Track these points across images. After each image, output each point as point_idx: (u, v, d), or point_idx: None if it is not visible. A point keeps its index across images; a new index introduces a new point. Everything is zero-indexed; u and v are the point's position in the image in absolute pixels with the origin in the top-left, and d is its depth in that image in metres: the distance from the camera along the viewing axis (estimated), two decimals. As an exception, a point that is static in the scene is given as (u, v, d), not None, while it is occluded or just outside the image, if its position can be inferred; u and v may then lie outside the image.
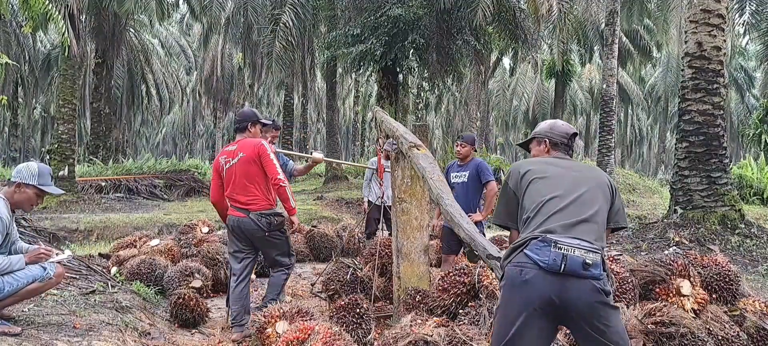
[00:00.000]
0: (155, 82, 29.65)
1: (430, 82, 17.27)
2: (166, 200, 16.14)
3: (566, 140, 2.83)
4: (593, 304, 2.31)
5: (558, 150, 2.82)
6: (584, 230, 2.41)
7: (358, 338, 3.96)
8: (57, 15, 9.52)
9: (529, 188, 2.59)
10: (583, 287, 2.30)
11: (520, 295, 2.34)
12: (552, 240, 2.33)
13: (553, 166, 2.66)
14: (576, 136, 2.87)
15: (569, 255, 2.29)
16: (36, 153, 40.73)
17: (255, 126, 4.72)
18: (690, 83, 8.97)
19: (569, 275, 2.29)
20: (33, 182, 3.57)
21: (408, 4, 13.88)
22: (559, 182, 2.56)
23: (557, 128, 2.87)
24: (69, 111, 14.86)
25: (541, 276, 2.31)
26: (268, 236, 4.57)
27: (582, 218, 2.44)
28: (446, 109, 42.15)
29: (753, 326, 3.76)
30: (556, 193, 2.51)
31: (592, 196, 2.54)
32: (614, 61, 18.91)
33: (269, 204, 4.58)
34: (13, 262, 3.50)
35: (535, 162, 2.74)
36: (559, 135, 2.83)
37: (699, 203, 8.68)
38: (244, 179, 4.51)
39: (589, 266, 2.30)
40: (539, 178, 2.60)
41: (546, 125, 2.92)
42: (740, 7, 20.26)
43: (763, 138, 17.68)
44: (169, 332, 4.65)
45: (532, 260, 2.34)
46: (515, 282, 2.37)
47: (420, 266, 4.54)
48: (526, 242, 2.41)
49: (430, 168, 3.98)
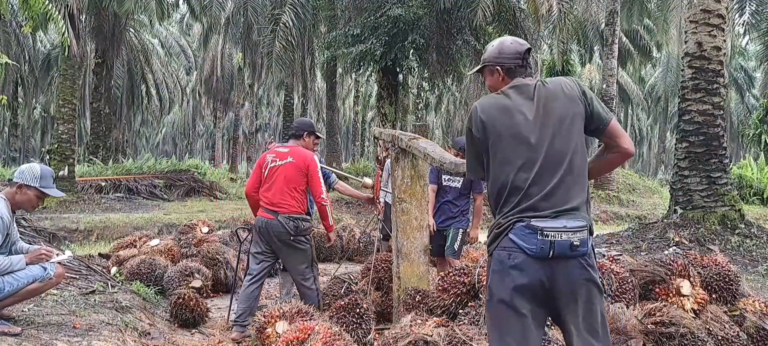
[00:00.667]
0: (155, 82, 29.64)
1: (430, 82, 17.28)
2: (166, 200, 16.13)
3: (520, 62, 2.52)
4: (581, 281, 2.30)
5: (514, 76, 2.52)
6: (568, 198, 2.30)
7: (358, 338, 3.96)
8: (57, 15, 9.52)
9: (496, 149, 2.40)
10: (572, 265, 2.29)
11: (510, 279, 2.30)
12: (537, 228, 2.25)
13: (515, 115, 2.39)
14: (530, 51, 2.54)
15: (557, 241, 2.25)
16: (36, 153, 40.73)
17: (309, 136, 4.90)
18: (690, 83, 8.97)
19: (557, 258, 2.27)
20: (35, 184, 3.57)
21: (408, 4, 13.88)
22: (528, 139, 2.35)
23: (506, 50, 2.53)
24: (69, 111, 14.86)
25: (530, 261, 2.27)
26: (294, 239, 4.61)
27: (562, 184, 2.31)
28: (446, 109, 42.13)
29: (753, 326, 3.76)
30: (528, 158, 2.33)
31: (565, 138, 2.35)
32: (614, 61, 18.92)
33: (299, 210, 4.64)
34: (14, 262, 3.50)
35: (494, 108, 2.44)
36: (511, 58, 2.51)
37: (699, 203, 8.68)
38: (284, 183, 4.63)
39: (577, 247, 2.27)
40: (505, 136, 2.38)
41: (494, 50, 2.57)
42: (740, 7, 20.26)
43: (763, 138, 17.69)
44: (169, 332, 4.66)
45: (518, 246, 2.29)
46: (504, 267, 2.32)
47: (420, 266, 4.55)
48: (511, 224, 2.32)
49: (430, 147, 4.07)
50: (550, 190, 2.31)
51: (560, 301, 2.32)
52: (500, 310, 2.35)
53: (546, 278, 2.28)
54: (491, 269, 2.41)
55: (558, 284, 2.29)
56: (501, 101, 2.46)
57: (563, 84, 2.46)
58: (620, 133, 2.46)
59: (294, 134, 4.92)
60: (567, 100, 2.40)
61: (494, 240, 2.40)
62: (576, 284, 2.29)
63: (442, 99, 35.76)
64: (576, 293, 2.30)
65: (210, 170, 22.27)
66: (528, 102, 2.41)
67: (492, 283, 2.40)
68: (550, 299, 2.32)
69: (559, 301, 2.32)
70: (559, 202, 2.30)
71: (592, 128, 2.45)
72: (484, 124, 2.42)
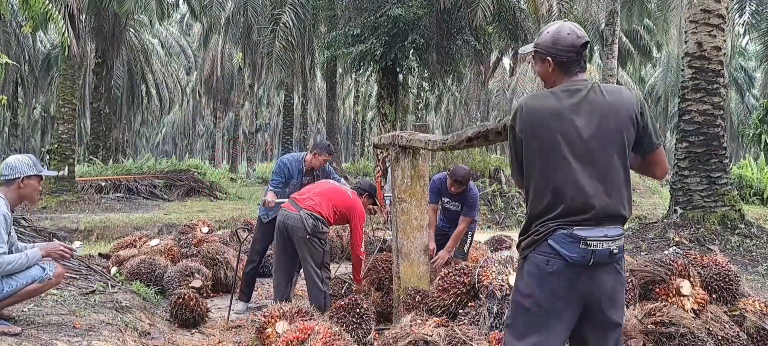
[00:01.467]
0: (155, 82, 29.63)
1: (430, 82, 17.28)
2: (166, 200, 16.13)
3: (574, 56, 2.33)
4: (615, 286, 2.34)
5: (565, 72, 2.36)
6: (610, 208, 2.29)
7: (358, 338, 3.96)
8: (57, 15, 9.52)
9: (540, 153, 2.31)
10: (607, 270, 2.32)
11: (547, 285, 2.29)
12: (581, 237, 2.24)
13: (565, 121, 2.28)
14: (587, 45, 2.35)
15: (598, 249, 2.25)
16: (36, 153, 40.71)
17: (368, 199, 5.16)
18: (690, 83, 8.97)
19: (595, 265, 2.28)
20: (34, 172, 3.55)
21: (408, 4, 13.88)
22: (576, 147, 2.26)
23: (562, 41, 2.33)
24: (69, 111, 14.86)
25: (568, 268, 2.27)
26: (309, 238, 4.62)
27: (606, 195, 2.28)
28: (446, 109, 42.11)
29: (753, 326, 3.76)
30: (574, 166, 2.26)
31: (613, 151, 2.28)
32: (614, 61, 18.92)
33: (322, 214, 4.69)
34: (31, 257, 3.49)
35: (543, 109, 2.32)
36: (565, 50, 2.33)
37: (699, 203, 8.69)
38: (328, 196, 4.78)
39: (616, 254, 2.31)
40: (551, 141, 2.28)
41: (548, 37, 2.37)
42: (740, 7, 20.26)
43: (763, 138, 17.68)
44: (169, 332, 4.65)
45: (558, 253, 2.27)
46: (541, 272, 2.30)
47: (420, 266, 4.55)
48: (551, 231, 2.29)
49: (430, 135, 4.12)
50: (593, 199, 2.27)
51: (593, 304, 2.34)
52: (532, 313, 2.33)
53: (582, 284, 2.29)
54: (525, 271, 2.37)
55: (593, 288, 2.31)
56: (551, 103, 2.32)
57: (622, 99, 2.33)
58: (660, 162, 2.43)
59: (356, 189, 5.13)
60: (621, 117, 2.30)
61: (531, 244, 2.35)
62: (611, 287, 2.33)
63: (442, 99, 35.76)
64: (610, 296, 2.34)
65: (210, 170, 22.29)
66: (580, 108, 2.29)
67: (524, 285, 2.36)
68: (583, 302, 2.33)
69: (593, 304, 2.34)
70: (601, 211, 2.28)
71: (641, 149, 2.39)
72: (531, 125, 2.32)
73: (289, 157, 5.55)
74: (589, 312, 2.37)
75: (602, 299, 2.33)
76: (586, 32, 18.95)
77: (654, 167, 2.46)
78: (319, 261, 4.74)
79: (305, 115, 30.10)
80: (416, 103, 30.11)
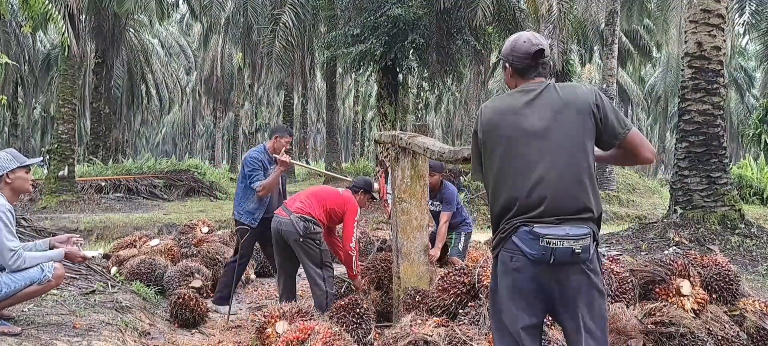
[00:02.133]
0: (155, 82, 29.63)
1: (430, 82, 17.28)
2: (165, 200, 16.13)
3: (530, 62, 2.42)
4: (582, 287, 2.32)
5: (523, 77, 2.46)
6: (572, 206, 2.29)
7: (358, 338, 3.96)
8: (57, 15, 9.52)
9: (500, 152, 2.37)
10: (573, 271, 2.31)
11: (512, 280, 2.35)
12: (539, 234, 2.27)
13: (521, 119, 2.35)
14: (542, 52, 2.41)
15: (558, 248, 2.25)
16: (36, 153, 40.70)
17: (365, 195, 5.07)
18: (690, 83, 8.97)
19: (558, 263, 2.28)
20: (15, 165, 3.55)
21: (408, 4, 13.88)
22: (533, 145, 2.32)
23: (518, 49, 2.43)
24: (69, 111, 14.86)
25: (530, 265, 2.31)
26: (303, 240, 4.65)
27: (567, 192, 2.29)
28: (446, 109, 42.12)
29: (753, 326, 3.76)
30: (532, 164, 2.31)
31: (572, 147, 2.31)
32: (614, 61, 18.93)
33: (313, 216, 4.71)
34: (53, 255, 3.60)
35: (500, 111, 2.42)
36: (520, 57, 2.42)
37: (699, 203, 8.68)
38: (317, 198, 4.81)
39: (579, 254, 2.27)
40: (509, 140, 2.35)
41: (507, 46, 2.49)
42: (740, 7, 20.26)
43: (762, 138, 17.69)
44: (169, 332, 4.66)
45: (520, 250, 2.31)
46: (507, 269, 2.37)
47: (420, 266, 4.55)
48: (514, 228, 2.33)
49: (430, 141, 4.08)
50: (554, 197, 2.29)
51: (560, 304, 2.35)
52: (501, 309, 2.41)
53: (546, 282, 2.32)
54: (495, 269, 2.46)
55: (558, 288, 2.32)
56: (508, 104, 2.42)
57: (576, 94, 2.38)
58: (639, 143, 2.42)
59: (349, 187, 5.09)
60: (577, 111, 2.34)
61: (499, 242, 2.42)
62: (576, 289, 2.32)
63: (441, 99, 35.79)
64: (576, 298, 2.33)
65: (210, 170, 22.28)
66: (536, 107, 2.36)
67: (494, 283, 2.46)
68: (549, 301, 2.36)
69: (559, 304, 2.35)
70: (563, 209, 2.29)
71: (606, 140, 2.41)
72: (489, 127, 2.42)
73: (254, 152, 5.39)
74: (557, 314, 2.40)
75: (568, 302, 2.33)
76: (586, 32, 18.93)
77: (636, 153, 2.45)
78: (318, 261, 4.76)
79: (305, 115, 30.08)
80: (416, 103, 30.13)
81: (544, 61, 2.44)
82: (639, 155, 2.46)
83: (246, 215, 5.33)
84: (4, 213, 3.36)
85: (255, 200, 5.25)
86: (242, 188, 5.36)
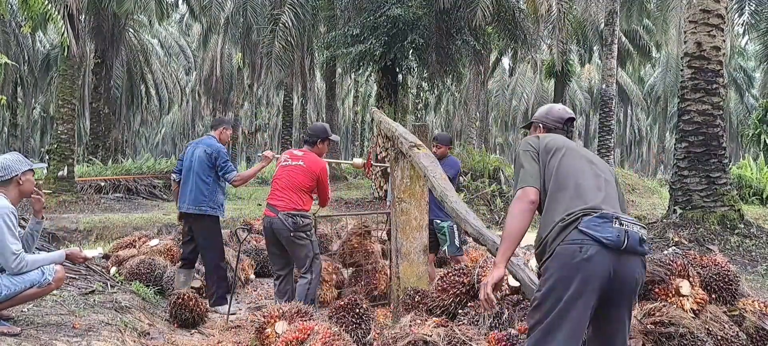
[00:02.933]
0: (154, 82, 29.63)
1: (429, 82, 17.29)
2: (165, 200, 16.11)
3: (561, 125, 2.83)
4: (640, 279, 2.37)
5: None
6: (621, 208, 2.46)
7: (357, 338, 3.96)
8: (56, 15, 9.52)
9: (558, 159, 2.53)
10: (636, 262, 2.34)
11: (580, 273, 2.26)
12: (612, 216, 2.28)
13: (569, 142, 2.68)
14: (573, 121, 2.87)
15: (631, 231, 2.28)
16: (35, 153, 40.70)
17: (323, 143, 5.03)
18: (689, 83, 8.98)
19: (628, 251, 2.28)
20: (27, 166, 3.56)
21: (407, 4, 13.89)
22: (585, 159, 2.58)
23: (552, 113, 2.88)
24: (68, 111, 14.84)
25: (603, 253, 2.25)
26: (293, 235, 4.70)
27: (616, 198, 2.49)
28: (446, 109, 42.16)
29: (752, 326, 3.76)
30: (590, 168, 2.52)
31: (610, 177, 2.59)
32: (613, 61, 18.94)
33: (299, 208, 4.75)
34: (55, 257, 3.63)
35: (550, 136, 2.72)
36: (554, 120, 2.84)
37: (698, 203, 8.69)
38: (290, 183, 4.79)
39: (644, 242, 2.33)
40: (566, 150, 2.57)
41: (543, 110, 2.93)
42: (740, 7, 20.27)
43: (762, 138, 17.69)
44: (168, 332, 4.65)
45: (591, 237, 2.26)
46: (574, 260, 2.27)
47: (419, 266, 4.55)
48: (578, 218, 2.31)
49: (431, 167, 4.01)
50: (611, 197, 2.44)
51: (621, 294, 2.34)
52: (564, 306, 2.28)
53: (613, 272, 2.28)
54: (555, 263, 2.33)
55: (623, 279, 2.31)
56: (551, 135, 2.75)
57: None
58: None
59: (307, 141, 5.03)
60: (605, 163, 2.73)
61: (558, 233, 2.34)
62: (636, 281, 2.36)
63: (441, 99, 35.81)
64: (634, 289, 2.36)
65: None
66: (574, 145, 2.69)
67: (555, 278, 2.32)
68: (610, 291, 2.31)
69: (619, 294, 2.34)
70: (618, 208, 2.44)
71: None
72: (542, 143, 2.62)
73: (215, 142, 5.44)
74: (615, 306, 2.36)
75: (625, 294, 2.34)
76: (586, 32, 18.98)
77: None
78: (307, 256, 4.78)
79: (304, 115, 30.07)
80: (416, 103, 30.11)
81: (571, 130, 2.86)
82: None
83: (219, 207, 5.43)
84: (7, 215, 3.36)
85: (223, 191, 5.43)
86: (213, 179, 5.36)
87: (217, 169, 5.35)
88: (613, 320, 2.39)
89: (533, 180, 2.49)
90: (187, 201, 5.43)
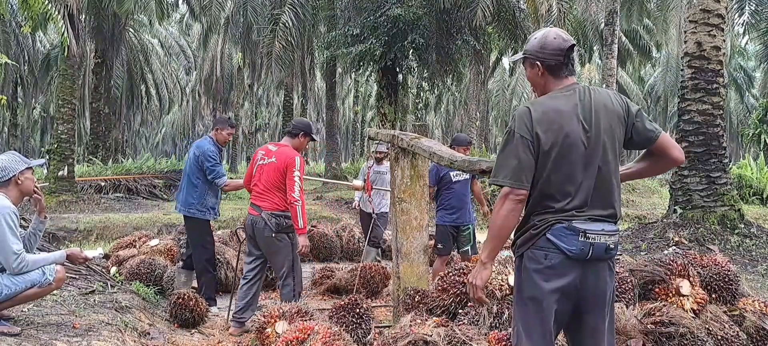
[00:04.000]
0: (155, 82, 29.62)
1: (429, 82, 17.28)
2: (165, 200, 16.11)
3: (562, 59, 2.39)
4: (609, 284, 2.39)
5: (555, 76, 2.42)
6: (606, 205, 2.37)
7: (357, 338, 3.96)
8: (56, 15, 9.51)
9: (548, 153, 2.31)
10: (602, 267, 2.36)
11: (545, 280, 2.31)
12: (580, 230, 2.28)
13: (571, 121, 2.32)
14: (573, 48, 2.42)
15: (596, 243, 2.30)
16: (35, 153, 40.67)
17: (305, 137, 4.92)
18: (689, 83, 8.97)
19: (593, 259, 2.32)
20: (25, 165, 3.56)
21: (408, 4, 13.88)
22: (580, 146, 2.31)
23: (549, 44, 2.39)
24: (68, 111, 14.84)
25: (566, 262, 2.30)
26: (275, 236, 4.66)
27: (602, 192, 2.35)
28: (446, 109, 42.12)
29: (752, 326, 3.76)
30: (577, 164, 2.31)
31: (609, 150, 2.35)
32: (614, 61, 18.92)
33: (281, 208, 4.70)
34: (56, 257, 3.63)
35: (551, 111, 2.34)
36: (552, 53, 2.39)
37: (698, 202, 8.68)
38: (268, 183, 4.72)
39: (611, 250, 2.35)
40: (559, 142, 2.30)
41: (536, 43, 2.43)
42: (740, 7, 20.26)
43: (762, 138, 17.70)
44: (168, 332, 4.65)
45: (556, 247, 2.30)
46: (539, 267, 2.33)
47: (419, 266, 4.55)
48: (548, 225, 2.32)
49: (436, 146, 4.02)
50: (591, 196, 2.35)
51: (588, 301, 2.37)
52: (530, 308, 2.36)
53: (579, 280, 2.32)
54: (524, 267, 2.40)
55: (589, 285, 2.34)
56: (556, 105, 2.36)
57: (611, 100, 2.41)
58: (670, 145, 2.46)
59: (289, 132, 4.96)
60: (612, 114, 2.39)
61: (529, 239, 2.38)
62: (606, 284, 2.38)
63: (441, 99, 35.74)
64: (604, 294, 2.38)
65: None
66: (580, 109, 2.35)
67: (523, 281, 2.40)
68: (578, 299, 2.36)
69: (587, 301, 2.37)
70: (598, 208, 2.36)
71: (639, 143, 2.47)
72: (540, 127, 2.32)
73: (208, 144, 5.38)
74: (588, 313, 2.40)
75: (598, 299, 2.37)
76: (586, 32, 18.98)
77: (668, 152, 2.47)
78: (287, 258, 4.74)
79: (305, 115, 30.08)
80: (416, 103, 30.08)
81: (573, 59, 2.45)
82: (669, 157, 2.48)
83: (208, 210, 5.38)
84: (9, 215, 3.36)
85: (215, 193, 5.39)
86: (202, 182, 5.32)
87: (204, 172, 5.31)
88: (585, 327, 2.42)
89: (526, 179, 2.33)
90: (180, 202, 5.47)
